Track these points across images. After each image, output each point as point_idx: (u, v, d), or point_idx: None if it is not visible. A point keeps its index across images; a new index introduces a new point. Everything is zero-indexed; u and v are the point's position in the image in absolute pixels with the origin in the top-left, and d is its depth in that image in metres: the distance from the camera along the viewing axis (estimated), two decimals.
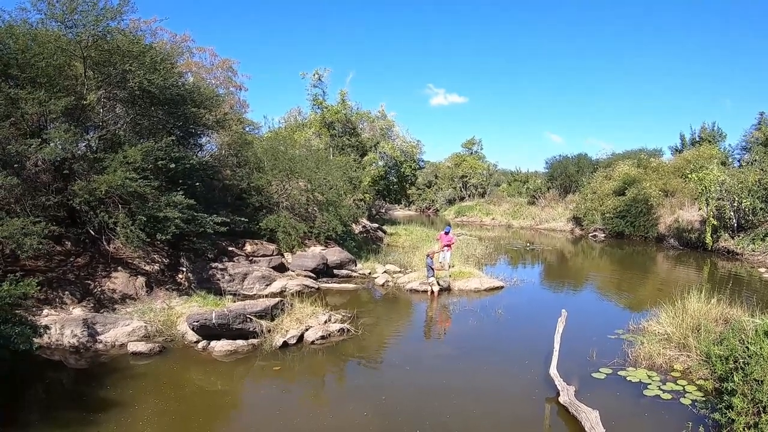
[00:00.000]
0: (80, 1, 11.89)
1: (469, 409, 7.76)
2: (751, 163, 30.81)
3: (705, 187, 28.14)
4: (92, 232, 12.15)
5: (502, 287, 17.06)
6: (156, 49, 14.32)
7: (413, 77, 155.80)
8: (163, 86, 13.31)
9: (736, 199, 27.42)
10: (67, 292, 11.17)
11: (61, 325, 9.66)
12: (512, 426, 7.36)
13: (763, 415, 6.14)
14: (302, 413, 7.56)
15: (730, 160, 36.96)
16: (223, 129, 18.63)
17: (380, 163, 36.12)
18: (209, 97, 16.67)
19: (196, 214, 13.10)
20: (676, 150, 46.35)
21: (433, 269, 15.95)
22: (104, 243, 12.35)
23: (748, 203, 26.84)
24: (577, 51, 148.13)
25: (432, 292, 15.73)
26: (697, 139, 44.64)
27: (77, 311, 10.61)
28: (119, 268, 12.43)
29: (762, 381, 6.48)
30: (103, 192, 11.31)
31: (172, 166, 13.15)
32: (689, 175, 30.36)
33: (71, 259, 12.15)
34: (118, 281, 12.06)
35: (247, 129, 22.60)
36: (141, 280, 12.42)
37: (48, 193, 11.64)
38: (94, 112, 12.79)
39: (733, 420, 6.46)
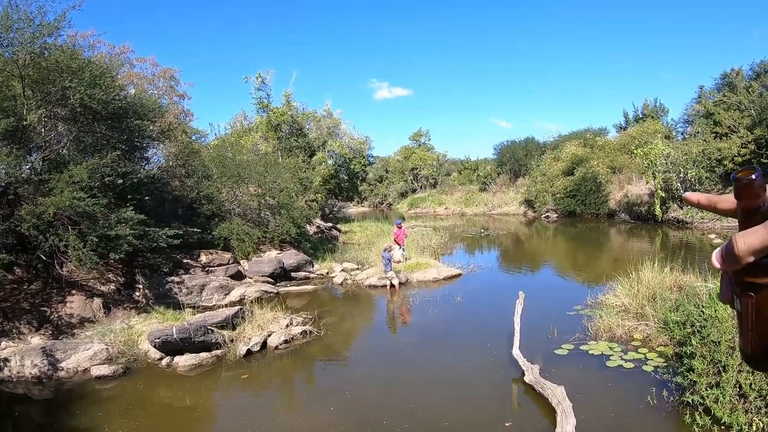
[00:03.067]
0: (16, 19, 11.52)
1: (434, 396, 8.06)
2: (694, 135, 32.19)
3: (651, 161, 29.37)
4: (44, 257, 11.85)
5: (460, 275, 17.51)
6: (95, 64, 13.96)
7: (355, 73, 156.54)
8: (105, 101, 13.03)
9: (682, 170, 28.77)
10: (23, 321, 10.91)
11: (21, 356, 9.48)
12: (480, 409, 7.60)
13: (723, 374, 6.48)
14: (271, 419, 7.74)
15: (673, 134, 38.29)
16: (169, 140, 18.39)
17: (330, 161, 36.04)
18: (152, 109, 16.38)
19: (147, 228, 12.92)
20: (621, 127, 47.54)
21: (391, 262, 16.18)
22: (57, 267, 12.07)
23: (694, 173, 28.22)
24: (515, 35, 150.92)
25: (392, 285, 15.98)
26: (641, 115, 45.72)
27: (36, 340, 10.42)
28: (74, 291, 12.18)
29: (719, 342, 6.80)
30: (51, 215, 11.04)
31: (120, 181, 12.94)
32: (635, 151, 31.64)
33: (24, 287, 11.84)
34: (75, 305, 11.84)
35: (193, 138, 22.35)
36: (98, 301, 12.23)
37: None
38: (36, 132, 12.45)
39: (695, 382, 6.80)
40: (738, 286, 0.72)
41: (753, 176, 0.68)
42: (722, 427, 6.15)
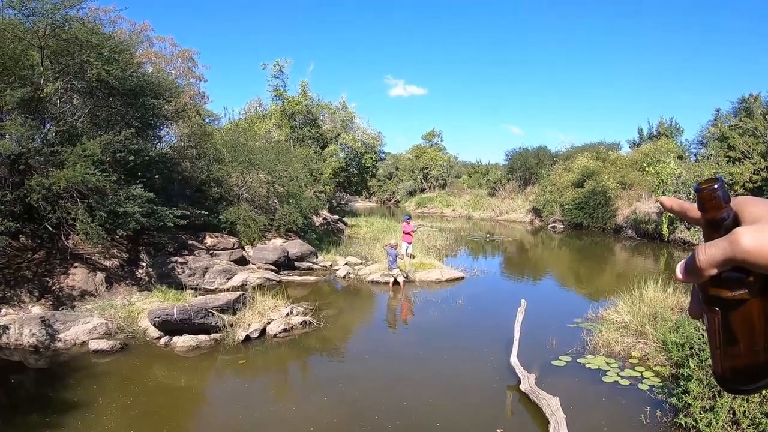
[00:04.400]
0: None
1: (428, 396, 8.00)
2: (707, 158, 31.80)
3: (662, 180, 29.04)
4: (50, 228, 11.88)
5: (462, 278, 17.38)
6: (115, 39, 13.99)
7: (372, 68, 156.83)
8: (122, 77, 13.07)
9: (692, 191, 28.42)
10: (24, 290, 10.95)
11: (20, 325, 9.52)
12: (473, 413, 7.54)
13: (718, 399, 6.40)
14: (264, 406, 7.73)
15: (686, 154, 37.63)
16: (183, 120, 18.42)
17: (341, 154, 36.02)
18: (168, 88, 16.38)
19: (155, 207, 12.92)
20: (634, 144, 46.84)
21: (396, 259, 16.09)
22: (62, 238, 12.10)
23: None
24: (535, 44, 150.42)
25: (396, 282, 15.89)
26: (655, 133, 45.08)
27: (36, 309, 10.46)
28: (77, 264, 12.21)
29: None
30: (62, 187, 11.09)
31: (131, 158, 12.94)
32: (646, 168, 31.23)
33: (28, 255, 11.87)
34: (77, 277, 11.87)
35: (206, 120, 22.36)
36: (100, 275, 12.26)
37: (3, 188, 11.33)
38: (51, 103, 12.48)
39: (689, 404, 6.70)
40: (705, 301, 0.70)
41: (715, 186, 0.67)
42: None
